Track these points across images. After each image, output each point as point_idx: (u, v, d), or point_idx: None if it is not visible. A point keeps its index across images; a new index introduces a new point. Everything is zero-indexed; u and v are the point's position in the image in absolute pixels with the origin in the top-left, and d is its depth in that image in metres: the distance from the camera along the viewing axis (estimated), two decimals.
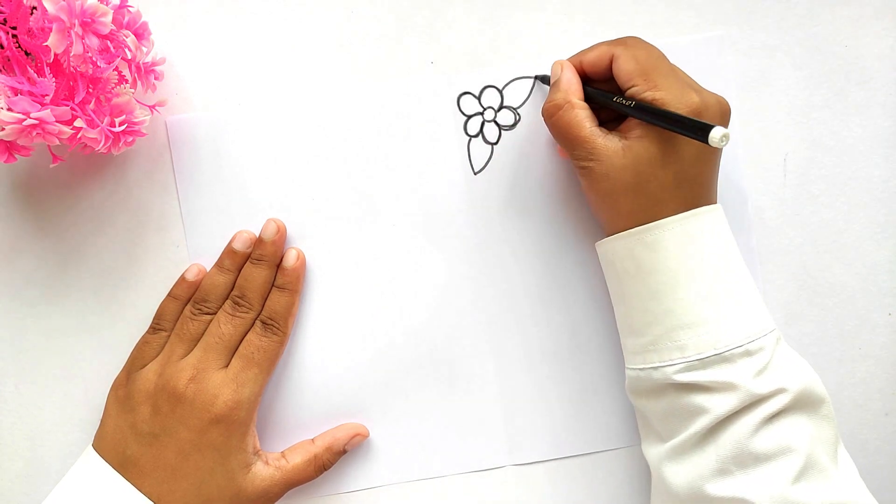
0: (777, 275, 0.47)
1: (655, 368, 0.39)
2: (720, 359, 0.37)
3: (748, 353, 0.37)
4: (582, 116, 0.40)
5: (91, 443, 0.43)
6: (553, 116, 0.41)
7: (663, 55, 0.41)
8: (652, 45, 0.41)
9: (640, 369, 0.40)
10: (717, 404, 0.37)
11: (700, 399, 0.38)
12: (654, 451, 0.41)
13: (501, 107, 0.47)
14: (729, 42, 0.47)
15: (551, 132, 0.42)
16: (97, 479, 0.41)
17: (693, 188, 0.39)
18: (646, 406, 0.41)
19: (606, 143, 0.39)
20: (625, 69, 0.40)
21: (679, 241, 0.38)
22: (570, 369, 0.47)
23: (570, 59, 0.43)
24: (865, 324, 0.47)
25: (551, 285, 0.47)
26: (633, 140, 0.39)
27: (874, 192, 0.47)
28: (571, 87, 0.42)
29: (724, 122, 0.40)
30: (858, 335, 0.48)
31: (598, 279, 0.47)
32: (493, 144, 0.47)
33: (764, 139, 0.47)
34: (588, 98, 0.42)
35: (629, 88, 0.40)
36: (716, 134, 0.35)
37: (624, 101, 0.39)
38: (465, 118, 0.47)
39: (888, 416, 0.48)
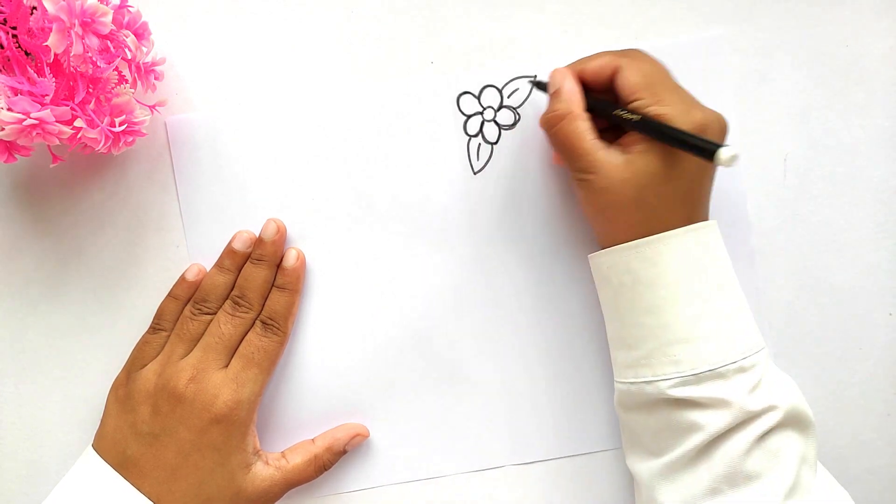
0: (777, 275, 0.47)
1: (648, 382, 0.39)
2: (715, 374, 0.37)
3: (742, 370, 0.37)
4: (584, 128, 0.40)
5: (91, 443, 0.43)
6: (554, 127, 0.41)
7: (667, 70, 0.41)
8: (656, 60, 0.41)
9: (631, 383, 0.40)
10: (711, 421, 0.37)
11: (694, 415, 0.37)
12: (643, 467, 0.40)
13: (501, 106, 0.47)
14: (729, 42, 0.47)
15: (551, 142, 0.42)
16: (97, 479, 0.41)
17: (693, 204, 0.39)
18: (636, 421, 0.41)
19: (608, 157, 0.39)
20: (630, 81, 0.39)
21: (678, 255, 0.38)
22: (570, 368, 0.47)
23: (569, 67, 0.42)
24: (865, 324, 0.47)
25: (551, 284, 0.47)
26: (636, 154, 0.38)
27: (874, 192, 0.47)
28: (574, 98, 0.41)
29: (724, 139, 0.40)
30: (858, 335, 0.48)
31: None
32: (492, 144, 0.47)
33: (764, 139, 0.47)
34: (589, 109, 0.41)
35: (632, 102, 0.39)
36: (724, 154, 0.35)
37: (629, 115, 0.39)
38: (465, 118, 0.47)
39: (889, 416, 0.48)
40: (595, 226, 0.42)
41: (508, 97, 0.47)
